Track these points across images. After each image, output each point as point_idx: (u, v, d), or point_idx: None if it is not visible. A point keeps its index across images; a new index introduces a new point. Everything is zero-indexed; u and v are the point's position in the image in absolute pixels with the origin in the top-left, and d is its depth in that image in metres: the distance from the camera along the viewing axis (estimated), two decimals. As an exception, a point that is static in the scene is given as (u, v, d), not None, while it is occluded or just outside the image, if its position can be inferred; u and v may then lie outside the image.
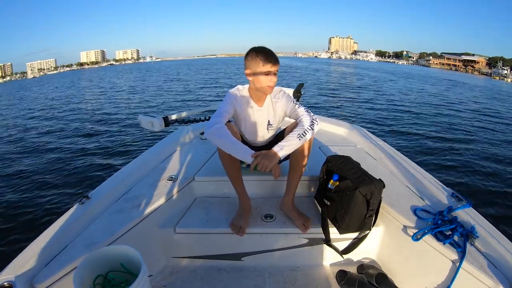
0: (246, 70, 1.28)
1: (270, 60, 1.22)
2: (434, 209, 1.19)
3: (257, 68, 1.23)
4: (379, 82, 18.78)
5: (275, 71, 1.25)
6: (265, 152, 1.14)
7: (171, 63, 79.56)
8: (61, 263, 0.96)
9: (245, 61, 1.27)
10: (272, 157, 1.13)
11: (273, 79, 1.25)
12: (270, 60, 1.22)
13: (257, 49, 1.24)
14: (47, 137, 6.52)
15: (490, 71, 59.06)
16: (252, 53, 1.24)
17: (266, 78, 1.24)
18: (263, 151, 1.16)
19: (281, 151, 1.16)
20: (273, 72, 1.24)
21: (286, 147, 1.17)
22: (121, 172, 1.60)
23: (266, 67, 1.22)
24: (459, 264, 0.93)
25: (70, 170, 4.25)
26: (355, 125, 2.37)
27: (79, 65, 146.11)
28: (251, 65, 1.24)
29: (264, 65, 1.22)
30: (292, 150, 1.20)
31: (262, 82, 1.25)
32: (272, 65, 1.22)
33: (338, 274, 1.22)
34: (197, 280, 1.24)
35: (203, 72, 27.76)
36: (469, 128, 7.06)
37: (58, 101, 13.35)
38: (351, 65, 52.18)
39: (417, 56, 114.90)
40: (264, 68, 1.22)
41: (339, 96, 11.80)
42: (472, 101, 12.60)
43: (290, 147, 1.18)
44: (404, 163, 1.62)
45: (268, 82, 1.24)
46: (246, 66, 1.27)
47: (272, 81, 1.25)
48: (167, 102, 10.74)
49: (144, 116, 2.05)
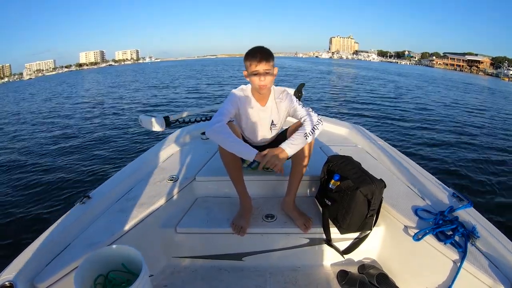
0: (244, 71, 1.31)
1: (253, 59, 1.22)
2: (435, 209, 1.19)
3: (248, 68, 1.26)
4: (403, 89, 15.39)
5: (263, 70, 1.23)
6: (273, 151, 1.15)
7: (168, 64, 77.25)
8: (62, 263, 0.96)
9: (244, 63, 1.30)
10: (281, 155, 1.15)
11: (263, 78, 1.24)
12: (256, 57, 1.22)
13: (249, 50, 1.27)
14: (47, 137, 6.53)
15: (495, 72, 58.09)
16: (245, 55, 1.27)
17: (256, 77, 1.24)
18: (270, 149, 1.17)
19: (288, 149, 1.17)
20: (261, 71, 1.23)
21: (294, 145, 1.18)
22: (122, 172, 1.60)
23: (252, 66, 1.23)
24: (460, 264, 0.93)
25: (71, 170, 4.25)
26: (356, 125, 2.37)
27: (78, 66, 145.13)
28: (246, 66, 1.27)
29: (250, 65, 1.24)
30: (299, 149, 1.21)
31: (254, 82, 1.26)
32: (258, 62, 1.22)
33: (339, 274, 1.22)
34: (198, 280, 1.24)
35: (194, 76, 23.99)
36: (470, 128, 7.05)
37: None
38: (357, 66, 49.49)
39: (419, 56, 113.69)
40: (251, 67, 1.24)
41: (357, 102, 10.24)
42: (488, 104, 11.67)
43: (298, 146, 1.19)
44: (405, 163, 1.62)
45: (258, 81, 1.25)
46: (245, 68, 1.30)
47: (261, 81, 1.24)
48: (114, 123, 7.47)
49: (145, 116, 2.05)
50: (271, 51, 1.28)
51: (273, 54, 1.28)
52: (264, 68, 1.23)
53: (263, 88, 1.27)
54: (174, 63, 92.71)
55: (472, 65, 73.96)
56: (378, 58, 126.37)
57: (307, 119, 1.27)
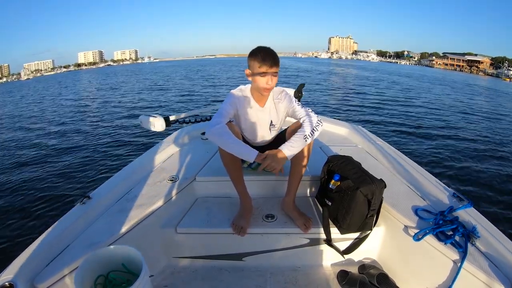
0: (246, 70, 1.28)
1: (267, 61, 1.20)
2: (435, 209, 1.19)
3: (255, 68, 1.23)
4: (412, 92, 14.51)
5: (273, 73, 1.23)
6: (273, 153, 1.15)
7: (167, 64, 75.60)
8: (62, 263, 0.96)
9: (247, 61, 1.28)
10: (281, 158, 1.15)
11: (270, 81, 1.23)
12: (267, 62, 1.20)
13: (257, 50, 1.24)
14: (47, 137, 6.53)
15: (496, 72, 57.51)
16: (252, 53, 1.24)
17: (263, 79, 1.23)
18: (270, 152, 1.16)
19: (288, 152, 1.17)
20: (271, 73, 1.22)
21: (293, 148, 1.18)
22: (122, 172, 1.60)
23: (262, 68, 1.21)
24: (460, 264, 0.93)
25: (71, 170, 4.25)
26: (355, 125, 2.37)
27: (76, 66, 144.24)
28: (251, 65, 1.25)
29: (260, 66, 1.21)
30: (299, 151, 1.21)
31: (259, 83, 1.24)
32: (269, 67, 1.20)
33: (339, 274, 1.22)
34: (198, 280, 1.24)
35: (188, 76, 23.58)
36: (470, 128, 7.05)
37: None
38: (357, 66, 48.30)
39: (418, 56, 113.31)
40: (260, 69, 1.21)
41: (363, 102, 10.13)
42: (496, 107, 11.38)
43: (297, 148, 1.19)
44: (405, 163, 1.62)
45: (264, 84, 1.23)
46: (248, 66, 1.28)
47: (268, 83, 1.23)
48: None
49: (145, 116, 2.05)
50: (275, 53, 1.26)
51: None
52: (275, 71, 1.22)
53: (268, 90, 1.27)
54: (172, 63, 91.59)
55: (472, 65, 73.47)
56: (378, 58, 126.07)
57: (307, 120, 1.26)
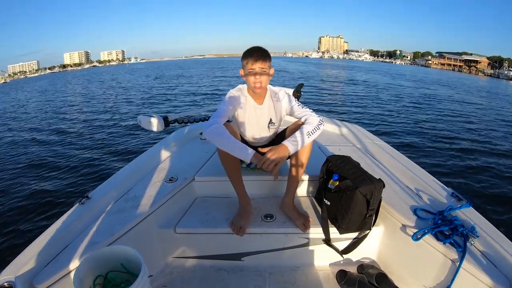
0: (240, 70, 1.32)
1: (251, 55, 1.23)
2: (434, 208, 1.19)
3: (244, 67, 1.27)
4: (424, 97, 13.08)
5: (258, 69, 1.24)
6: (276, 148, 1.16)
7: (145, 66, 70.18)
8: (61, 263, 0.96)
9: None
10: (283, 151, 1.15)
11: (258, 77, 1.25)
12: (252, 56, 1.23)
13: (247, 49, 1.28)
14: (47, 137, 6.52)
15: (495, 72, 56.04)
16: (243, 54, 1.28)
17: (251, 77, 1.25)
18: (273, 147, 1.17)
19: (291, 146, 1.17)
20: (256, 70, 1.24)
21: (296, 142, 1.18)
22: (121, 172, 1.60)
23: (248, 65, 1.24)
24: (459, 263, 0.93)
25: (70, 171, 4.25)
26: (355, 125, 2.37)
27: (61, 67, 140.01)
28: (242, 65, 1.29)
29: (247, 63, 1.25)
30: (301, 147, 1.21)
31: (249, 81, 1.27)
32: (254, 61, 1.23)
33: (338, 274, 1.22)
34: (197, 280, 1.25)
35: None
36: (471, 128, 7.06)
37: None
38: (350, 66, 46.32)
39: (411, 55, 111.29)
40: (247, 65, 1.25)
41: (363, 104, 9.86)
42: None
43: (300, 144, 1.19)
44: (404, 163, 1.63)
45: (253, 80, 1.26)
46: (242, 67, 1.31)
47: (256, 79, 1.25)
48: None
49: (144, 116, 2.05)
50: (268, 51, 1.28)
51: (270, 54, 1.28)
52: (260, 66, 1.24)
53: (258, 88, 1.28)
54: (153, 64, 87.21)
55: (470, 65, 72.36)
56: (371, 58, 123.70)
57: (309, 118, 1.27)
